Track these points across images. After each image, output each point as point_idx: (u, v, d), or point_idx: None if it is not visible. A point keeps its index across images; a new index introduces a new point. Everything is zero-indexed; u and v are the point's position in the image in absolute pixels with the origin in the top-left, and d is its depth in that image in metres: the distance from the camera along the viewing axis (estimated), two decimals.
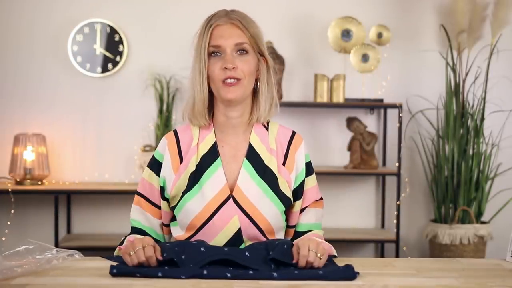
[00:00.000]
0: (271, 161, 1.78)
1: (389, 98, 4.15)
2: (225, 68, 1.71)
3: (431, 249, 4.05)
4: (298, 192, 1.81)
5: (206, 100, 1.76)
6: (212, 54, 1.74)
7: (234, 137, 1.81)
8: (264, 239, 1.74)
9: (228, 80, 1.72)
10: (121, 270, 1.50)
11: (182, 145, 1.80)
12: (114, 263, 1.56)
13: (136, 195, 1.84)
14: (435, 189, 4.07)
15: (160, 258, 1.55)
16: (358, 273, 1.50)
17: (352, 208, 4.23)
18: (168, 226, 1.84)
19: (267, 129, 1.83)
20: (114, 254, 1.76)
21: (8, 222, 3.97)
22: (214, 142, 1.78)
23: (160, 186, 1.79)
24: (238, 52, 1.74)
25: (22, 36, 4.09)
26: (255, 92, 1.81)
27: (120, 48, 4.10)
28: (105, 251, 2.00)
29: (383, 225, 4.22)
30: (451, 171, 4.00)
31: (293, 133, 1.85)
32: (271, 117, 1.83)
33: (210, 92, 1.78)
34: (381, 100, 4.06)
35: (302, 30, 4.18)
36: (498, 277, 1.51)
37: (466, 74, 4.06)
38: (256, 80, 1.80)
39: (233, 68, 1.71)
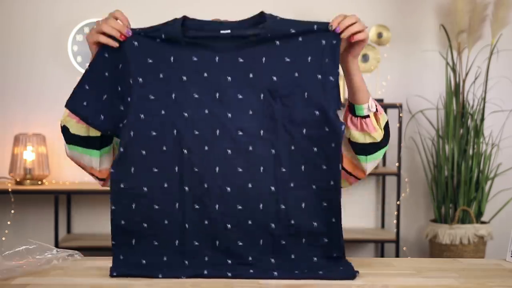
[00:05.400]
0: None
1: (389, 98, 4.15)
2: None
3: (431, 249, 4.05)
4: None
5: None
6: None
7: None
8: None
9: None
10: (121, 273, 1.48)
11: None
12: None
13: None
14: (435, 189, 4.07)
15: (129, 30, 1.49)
16: (357, 272, 1.50)
17: (352, 208, 4.23)
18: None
19: None
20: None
21: (8, 222, 3.97)
22: None
23: None
24: None
25: (22, 36, 4.09)
26: None
27: None
28: (105, 251, 2.01)
29: (383, 225, 4.22)
30: (451, 171, 3.99)
31: None
32: None
33: None
34: (381, 100, 4.06)
35: None
36: (498, 277, 1.51)
37: (466, 74, 4.06)
38: None
39: None
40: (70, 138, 1.61)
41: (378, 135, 1.60)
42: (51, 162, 4.04)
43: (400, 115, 4.00)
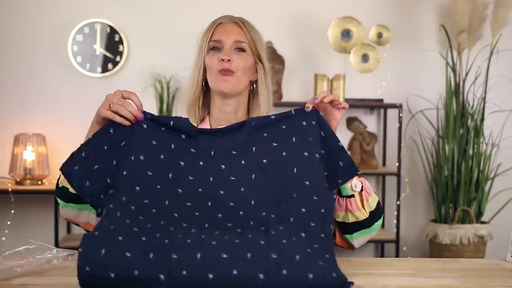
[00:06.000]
0: None
1: (389, 98, 4.15)
2: (222, 60, 1.79)
3: (431, 249, 4.05)
4: None
5: (198, 92, 1.86)
6: (212, 49, 1.83)
7: None
8: None
9: (223, 71, 1.80)
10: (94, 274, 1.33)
11: None
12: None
13: None
14: (435, 189, 4.07)
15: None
16: (352, 283, 1.36)
17: None
18: None
19: None
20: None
21: (8, 222, 3.97)
22: None
23: None
24: (236, 50, 1.83)
25: (22, 36, 4.09)
26: (251, 93, 1.90)
27: (120, 48, 4.10)
28: None
29: (383, 225, 4.22)
30: (451, 171, 4.00)
31: None
32: None
33: (208, 87, 1.88)
34: (381, 100, 4.06)
35: (302, 30, 4.18)
36: (498, 277, 1.51)
37: (466, 74, 4.06)
38: (252, 83, 1.89)
39: (229, 60, 1.79)
40: (68, 197, 1.63)
41: (361, 215, 1.64)
42: (51, 162, 4.04)
43: (400, 115, 4.00)
